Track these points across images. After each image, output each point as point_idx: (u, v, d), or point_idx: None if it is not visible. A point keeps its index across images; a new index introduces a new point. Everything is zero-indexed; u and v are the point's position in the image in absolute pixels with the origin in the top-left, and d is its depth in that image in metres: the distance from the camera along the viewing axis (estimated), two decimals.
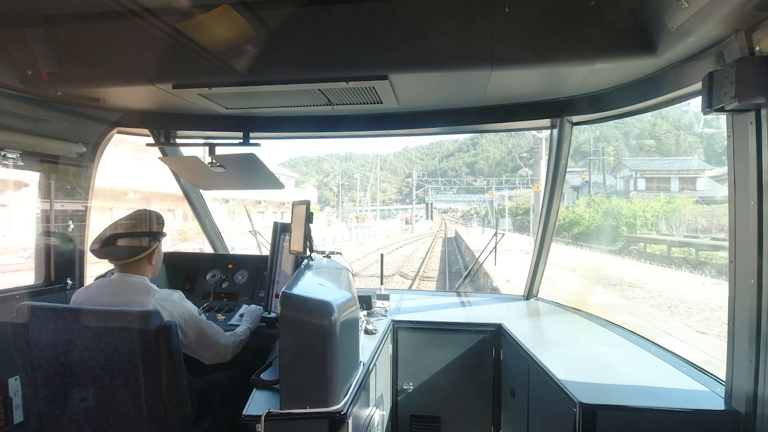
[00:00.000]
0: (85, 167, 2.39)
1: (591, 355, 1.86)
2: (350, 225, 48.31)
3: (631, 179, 36.17)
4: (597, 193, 38.02)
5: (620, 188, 38.23)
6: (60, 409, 1.53)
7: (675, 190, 33.43)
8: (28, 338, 1.50)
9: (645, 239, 21.86)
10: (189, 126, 2.49)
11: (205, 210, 3.10)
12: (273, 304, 2.23)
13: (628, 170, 37.14)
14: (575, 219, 28.82)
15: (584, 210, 29.84)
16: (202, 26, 1.59)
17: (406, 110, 2.32)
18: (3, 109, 1.85)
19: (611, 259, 18.61)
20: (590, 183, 39.10)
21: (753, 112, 1.22)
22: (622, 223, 25.10)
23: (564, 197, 39.73)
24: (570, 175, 42.91)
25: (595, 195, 36.28)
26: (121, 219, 1.74)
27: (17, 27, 1.66)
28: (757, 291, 1.23)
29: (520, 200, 45.22)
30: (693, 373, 1.64)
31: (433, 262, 19.63)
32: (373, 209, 70.74)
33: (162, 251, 1.83)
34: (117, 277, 1.70)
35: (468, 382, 2.35)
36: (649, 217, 25.11)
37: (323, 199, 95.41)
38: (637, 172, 36.01)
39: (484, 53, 1.61)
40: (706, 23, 1.23)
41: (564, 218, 28.20)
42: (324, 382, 1.28)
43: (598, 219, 27.55)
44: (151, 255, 1.74)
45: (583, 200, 33.77)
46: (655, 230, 24.18)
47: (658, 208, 25.87)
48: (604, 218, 27.22)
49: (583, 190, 39.59)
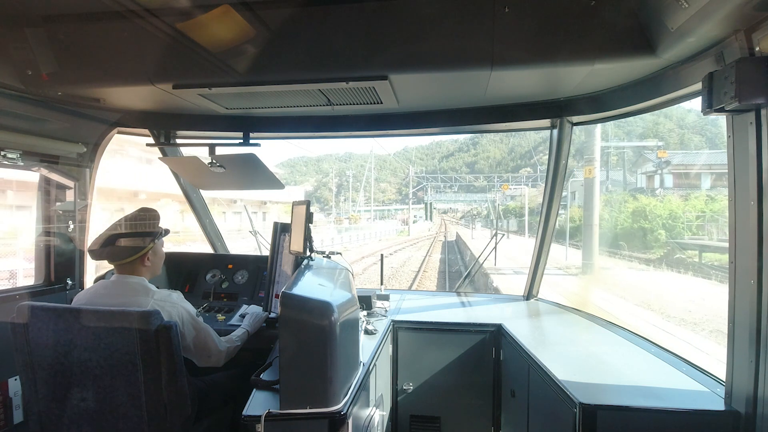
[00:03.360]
0: (85, 167, 2.39)
1: (591, 356, 1.86)
2: (341, 226, 42.48)
3: (657, 175, 30.46)
4: (611, 191, 32.40)
5: (642, 185, 32.33)
6: (60, 409, 1.53)
7: (706, 187, 27.75)
8: (28, 338, 1.50)
9: (696, 246, 16.21)
10: (189, 126, 2.49)
11: (205, 210, 3.11)
12: (273, 305, 2.23)
13: (652, 165, 31.22)
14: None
15: (602, 209, 25.60)
16: (203, 26, 1.59)
17: (406, 110, 2.32)
18: (3, 109, 1.85)
19: (657, 274, 14.29)
20: (608, 179, 33.71)
21: (753, 112, 1.23)
22: (657, 225, 19.64)
23: (575, 196, 37.07)
24: (580, 172, 41.15)
25: (612, 193, 31.26)
26: (118, 220, 1.74)
27: (17, 27, 1.66)
28: (757, 291, 1.24)
29: (524, 200, 43.74)
30: (693, 373, 1.64)
31: (429, 276, 15.14)
32: (367, 209, 67.56)
33: (161, 251, 1.81)
34: (115, 278, 1.70)
35: (468, 382, 2.35)
36: (693, 219, 20.01)
37: (322, 198, 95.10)
38: (663, 167, 29.62)
39: (484, 53, 1.61)
40: (706, 24, 1.23)
41: (579, 218, 24.11)
42: (324, 382, 1.28)
43: (622, 220, 22.50)
44: (144, 257, 1.72)
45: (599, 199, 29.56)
46: (707, 235, 18.83)
47: (701, 208, 20.36)
48: (632, 219, 21.48)
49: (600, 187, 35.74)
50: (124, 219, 1.74)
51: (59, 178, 2.30)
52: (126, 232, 1.71)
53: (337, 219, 56.58)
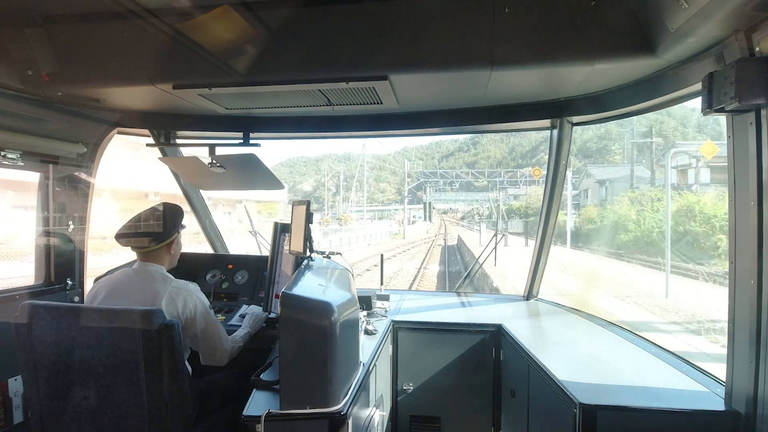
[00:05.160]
0: (86, 168, 2.39)
1: (591, 356, 1.86)
2: (328, 228, 37.23)
3: (691, 169, 26.37)
4: (635, 188, 26.88)
5: (674, 181, 25.42)
6: (61, 408, 1.53)
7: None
8: (30, 337, 1.50)
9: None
10: (189, 126, 2.49)
11: (205, 210, 3.12)
12: (273, 305, 2.23)
13: (687, 158, 26.88)
14: (618, 221, 20.36)
15: (628, 209, 20.92)
16: (203, 27, 1.59)
17: (406, 110, 2.32)
18: (3, 109, 1.85)
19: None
20: (632, 175, 28.61)
21: (753, 112, 1.23)
22: (715, 229, 14.95)
23: (587, 194, 34.39)
24: (596, 169, 37.17)
25: (637, 190, 25.64)
26: (143, 211, 1.82)
27: (17, 27, 1.66)
28: (757, 291, 1.24)
29: (530, 200, 41.13)
30: (693, 373, 1.64)
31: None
32: (359, 210, 63.18)
33: (181, 243, 1.92)
34: (137, 266, 1.77)
35: (468, 382, 2.35)
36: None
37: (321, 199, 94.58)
38: (698, 161, 25.33)
39: (484, 53, 1.61)
40: (706, 24, 1.23)
41: (600, 219, 21.12)
42: (324, 382, 1.28)
43: (659, 222, 17.57)
44: (170, 244, 1.83)
45: (625, 198, 23.58)
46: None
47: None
48: (674, 221, 15.56)
49: (614, 184, 30.02)
50: (149, 211, 1.81)
51: (59, 178, 2.30)
52: (154, 222, 1.79)
53: (323, 220, 48.79)
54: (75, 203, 2.38)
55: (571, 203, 25.69)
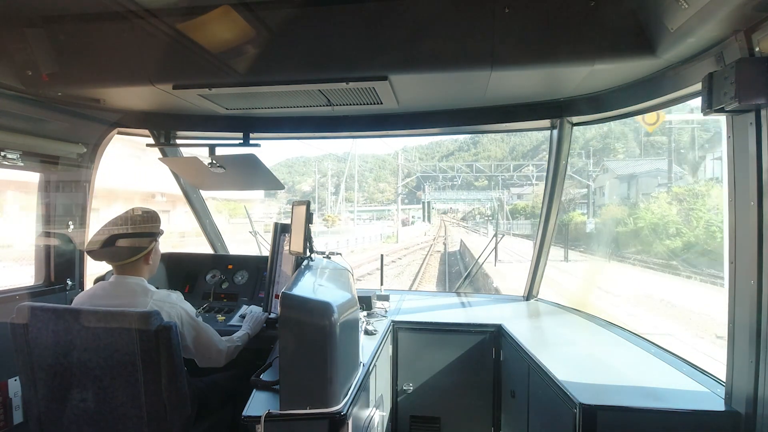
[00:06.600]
0: (86, 168, 2.39)
1: (591, 356, 1.86)
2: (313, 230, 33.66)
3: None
4: (668, 184, 22.34)
5: (717, 174, 22.57)
6: (60, 409, 1.53)
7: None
8: (28, 339, 1.50)
9: None
10: (189, 126, 2.49)
11: (205, 210, 3.11)
12: (273, 305, 2.23)
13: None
14: (659, 223, 16.21)
15: (668, 208, 16.95)
16: (203, 27, 1.59)
17: (406, 111, 2.32)
18: (3, 110, 1.85)
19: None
20: (670, 171, 23.94)
21: (753, 112, 1.22)
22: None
23: (603, 193, 31.39)
24: (615, 164, 34.11)
25: (679, 184, 21.08)
26: (115, 218, 1.70)
27: (17, 27, 1.66)
28: (757, 291, 1.23)
29: (537, 199, 38.70)
30: (693, 373, 1.64)
31: None
32: (351, 210, 60.25)
33: (159, 250, 1.81)
34: (114, 279, 1.69)
35: (468, 382, 2.35)
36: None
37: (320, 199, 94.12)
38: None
39: (484, 54, 1.61)
40: (706, 24, 1.23)
41: (634, 221, 16.48)
42: (324, 382, 1.28)
43: (719, 222, 13.92)
44: (148, 255, 1.72)
45: (663, 195, 19.09)
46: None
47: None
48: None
49: (639, 180, 26.32)
50: (121, 219, 1.70)
51: (59, 178, 2.30)
52: (127, 233, 1.68)
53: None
54: (75, 203, 2.38)
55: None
